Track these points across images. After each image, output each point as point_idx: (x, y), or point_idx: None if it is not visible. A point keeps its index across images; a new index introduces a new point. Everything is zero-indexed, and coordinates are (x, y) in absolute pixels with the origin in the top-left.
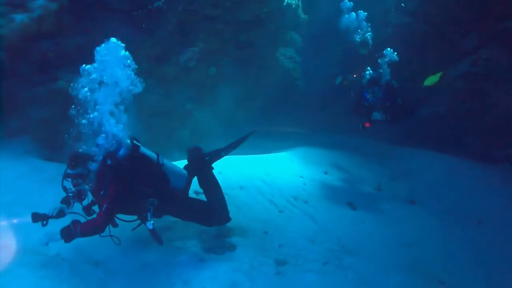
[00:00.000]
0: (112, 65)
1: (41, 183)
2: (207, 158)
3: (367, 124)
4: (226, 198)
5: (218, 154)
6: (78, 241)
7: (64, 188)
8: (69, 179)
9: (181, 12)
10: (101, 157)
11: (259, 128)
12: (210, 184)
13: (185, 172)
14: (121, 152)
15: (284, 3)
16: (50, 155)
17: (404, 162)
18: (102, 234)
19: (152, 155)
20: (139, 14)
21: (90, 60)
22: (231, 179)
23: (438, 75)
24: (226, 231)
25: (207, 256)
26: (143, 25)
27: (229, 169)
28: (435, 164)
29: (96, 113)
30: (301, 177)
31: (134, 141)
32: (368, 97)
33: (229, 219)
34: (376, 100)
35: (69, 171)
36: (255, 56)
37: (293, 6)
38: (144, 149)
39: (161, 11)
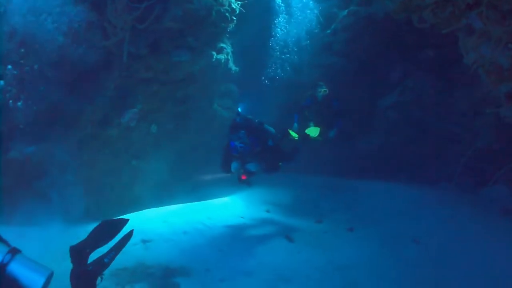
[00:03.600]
0: None
1: None
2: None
3: (244, 177)
4: (171, 243)
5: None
6: None
7: None
8: None
9: (117, 78)
10: None
11: None
12: None
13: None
14: None
15: (213, 59)
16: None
17: (345, 194)
18: None
19: None
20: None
21: None
22: (175, 226)
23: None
24: (170, 271)
25: None
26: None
27: (174, 217)
28: (374, 192)
29: None
30: (241, 217)
31: None
32: (236, 144)
33: None
34: (246, 145)
35: None
36: (194, 110)
37: (223, 61)
38: None
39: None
